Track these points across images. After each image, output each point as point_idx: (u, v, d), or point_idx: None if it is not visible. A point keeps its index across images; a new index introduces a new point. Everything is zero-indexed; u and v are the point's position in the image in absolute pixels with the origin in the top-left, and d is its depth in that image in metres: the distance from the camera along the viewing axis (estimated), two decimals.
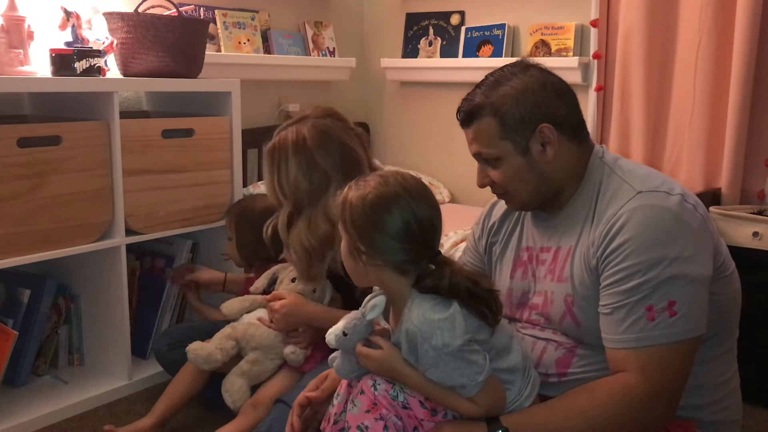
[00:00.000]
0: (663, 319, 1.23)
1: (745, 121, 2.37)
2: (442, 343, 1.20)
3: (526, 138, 1.36)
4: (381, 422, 1.25)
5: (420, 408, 1.27)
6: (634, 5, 2.57)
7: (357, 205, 1.28)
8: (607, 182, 1.37)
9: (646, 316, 1.23)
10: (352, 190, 1.31)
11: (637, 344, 1.24)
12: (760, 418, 2.02)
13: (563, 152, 1.38)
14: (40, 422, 1.95)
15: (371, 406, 1.26)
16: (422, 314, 1.23)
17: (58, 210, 1.93)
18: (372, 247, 1.27)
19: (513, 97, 1.37)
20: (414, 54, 3.32)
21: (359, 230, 1.27)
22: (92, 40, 2.21)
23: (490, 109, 1.37)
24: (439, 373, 1.23)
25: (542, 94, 1.37)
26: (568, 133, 1.39)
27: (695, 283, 1.25)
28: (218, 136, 2.30)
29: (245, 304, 1.88)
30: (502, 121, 1.36)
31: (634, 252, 1.25)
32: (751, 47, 2.32)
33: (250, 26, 2.90)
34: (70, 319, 2.24)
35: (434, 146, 3.30)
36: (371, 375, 1.30)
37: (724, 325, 1.38)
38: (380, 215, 1.26)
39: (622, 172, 1.37)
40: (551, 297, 1.40)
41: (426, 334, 1.21)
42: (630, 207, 1.29)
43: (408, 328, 1.24)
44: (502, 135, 1.37)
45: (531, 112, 1.36)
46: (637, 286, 1.24)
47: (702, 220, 1.32)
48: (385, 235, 1.25)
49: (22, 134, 1.85)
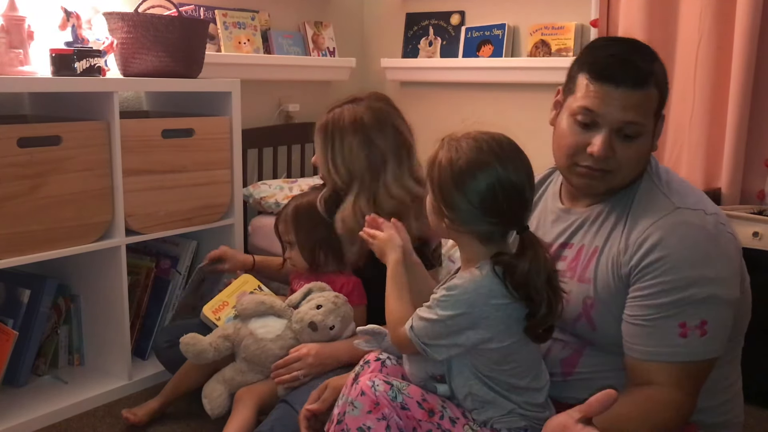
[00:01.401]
0: (694, 338, 1.25)
1: (745, 121, 2.37)
2: (452, 307, 1.22)
3: (659, 124, 1.34)
4: (383, 422, 1.24)
5: (418, 409, 1.26)
6: (634, 5, 2.57)
7: (446, 168, 1.26)
8: (644, 189, 1.35)
9: (679, 332, 1.25)
10: (444, 149, 1.29)
11: (670, 359, 1.25)
12: (761, 418, 2.02)
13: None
14: (40, 422, 1.95)
15: (373, 407, 1.25)
16: (473, 274, 1.24)
17: (58, 210, 1.93)
18: (455, 212, 1.26)
19: (664, 76, 1.32)
20: (414, 54, 3.33)
21: (444, 193, 1.26)
22: (92, 40, 2.21)
23: (655, 81, 1.30)
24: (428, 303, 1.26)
25: (666, 80, 1.34)
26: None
27: (726, 305, 1.27)
28: (218, 136, 2.30)
29: (260, 309, 1.79)
30: (661, 98, 1.31)
31: (673, 269, 1.25)
32: (751, 47, 2.32)
33: (250, 26, 2.90)
34: (70, 319, 2.24)
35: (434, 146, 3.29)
36: (369, 377, 1.29)
37: (735, 333, 1.38)
38: (466, 182, 1.23)
39: (660, 181, 1.36)
40: (568, 297, 1.36)
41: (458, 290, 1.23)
42: (668, 222, 1.28)
43: (456, 278, 1.27)
44: (656, 111, 1.31)
45: (666, 98, 1.33)
46: (674, 302, 1.25)
47: (734, 239, 1.33)
48: (469, 203, 1.24)
49: (22, 134, 1.85)
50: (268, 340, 1.76)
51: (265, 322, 1.79)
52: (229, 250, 2.14)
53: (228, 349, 1.80)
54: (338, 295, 1.78)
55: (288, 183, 2.82)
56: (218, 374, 1.81)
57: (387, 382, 1.28)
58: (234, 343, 1.80)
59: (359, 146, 1.79)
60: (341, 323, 1.75)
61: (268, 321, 1.79)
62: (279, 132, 3.09)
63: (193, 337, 1.79)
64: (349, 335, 1.79)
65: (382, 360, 1.43)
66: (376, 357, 1.41)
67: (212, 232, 2.36)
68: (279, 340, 1.76)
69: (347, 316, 1.77)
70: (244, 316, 1.80)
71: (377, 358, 1.42)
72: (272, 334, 1.77)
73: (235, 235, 2.39)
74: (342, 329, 1.76)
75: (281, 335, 1.76)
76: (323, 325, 1.73)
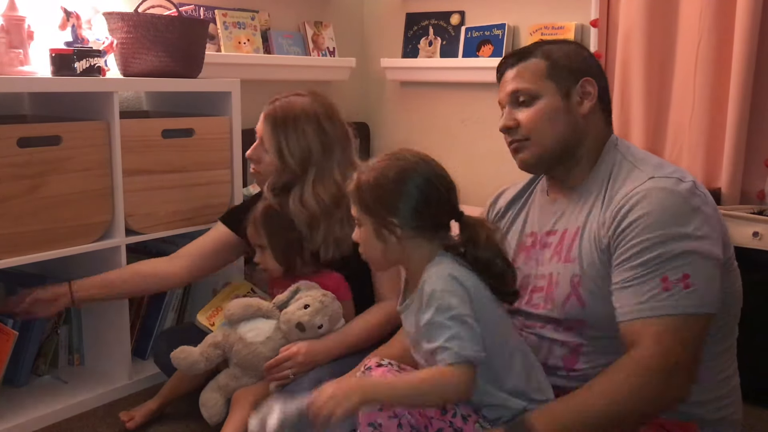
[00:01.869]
0: (677, 291, 1.25)
1: (745, 121, 2.37)
2: (447, 305, 1.22)
3: (569, 86, 1.43)
4: (395, 420, 1.24)
5: None
6: (634, 5, 2.57)
7: (380, 182, 1.31)
8: (619, 167, 1.40)
9: (661, 286, 1.25)
10: (365, 173, 1.34)
11: (652, 313, 1.25)
12: (760, 418, 2.02)
13: (595, 117, 1.45)
14: (40, 422, 1.95)
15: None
16: (441, 270, 1.27)
17: (58, 210, 1.93)
18: (403, 219, 1.29)
19: (565, 50, 1.46)
20: (414, 54, 3.32)
21: (387, 206, 1.30)
22: (92, 40, 2.20)
23: (543, 53, 1.45)
24: (433, 331, 1.23)
25: (591, 60, 1.48)
26: (602, 102, 1.46)
27: (709, 260, 1.28)
28: (218, 136, 2.30)
29: (248, 312, 1.77)
30: (552, 64, 1.43)
31: (649, 227, 1.28)
32: (751, 47, 2.32)
33: (250, 26, 2.90)
34: (70, 319, 2.24)
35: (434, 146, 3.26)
36: (383, 370, 1.30)
37: (725, 320, 1.39)
38: (407, 184, 1.30)
39: (634, 159, 1.41)
40: (556, 278, 1.41)
41: (438, 293, 1.24)
42: (643, 188, 1.32)
43: (425, 282, 1.27)
44: (549, 75, 1.43)
45: (579, 66, 1.44)
46: (652, 258, 1.27)
47: (709, 201, 1.34)
48: (415, 200, 1.29)
49: (22, 134, 1.85)
50: (259, 344, 1.75)
51: (254, 325, 1.77)
52: (39, 293, 1.90)
53: (219, 357, 1.79)
54: (326, 293, 1.77)
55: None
56: (213, 382, 1.80)
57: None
58: (224, 349, 1.78)
59: (313, 133, 1.85)
60: (330, 322, 1.75)
61: (257, 323, 1.77)
62: None
63: (182, 350, 1.78)
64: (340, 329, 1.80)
65: (384, 365, 1.43)
66: (378, 363, 1.41)
67: None
68: (269, 342, 1.75)
69: (336, 313, 1.77)
70: (232, 320, 1.78)
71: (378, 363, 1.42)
72: (262, 336, 1.76)
73: None
74: (331, 328, 1.77)
75: (271, 337, 1.75)
76: (311, 325, 1.72)
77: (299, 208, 1.85)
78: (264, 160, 1.91)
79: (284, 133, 1.86)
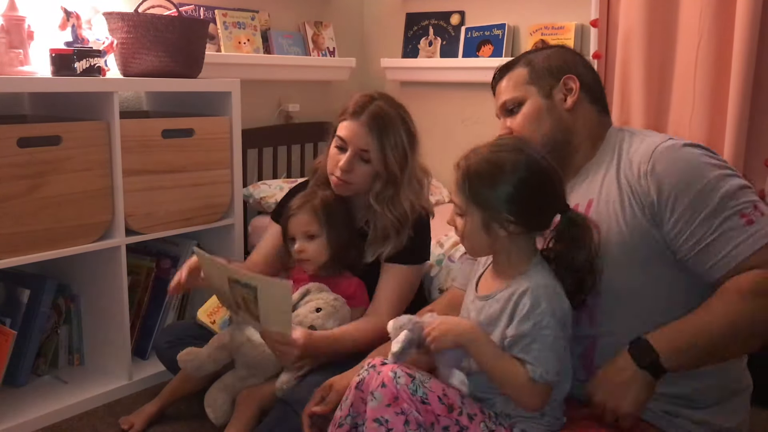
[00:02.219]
0: (758, 218, 1.28)
1: (745, 121, 2.37)
2: (547, 324, 1.24)
3: (551, 85, 1.48)
4: (402, 416, 1.24)
5: (438, 404, 1.27)
6: (634, 5, 2.57)
7: (497, 176, 1.29)
8: (630, 139, 1.44)
9: (744, 221, 1.27)
10: (476, 163, 1.31)
11: (752, 249, 1.26)
12: (760, 418, 2.02)
13: (583, 110, 1.48)
14: (40, 422, 1.95)
15: (392, 400, 1.25)
16: (545, 281, 1.28)
17: (58, 210, 1.93)
18: (519, 214, 1.28)
19: (546, 53, 1.53)
20: (414, 54, 3.33)
21: (504, 201, 1.28)
22: (92, 40, 2.20)
23: (525, 61, 1.53)
24: (526, 343, 1.24)
25: (573, 58, 1.52)
26: (590, 96, 1.49)
27: (754, 192, 1.33)
28: (218, 136, 2.30)
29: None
30: (533, 69, 1.50)
31: (696, 176, 1.30)
32: (751, 47, 2.32)
33: (250, 26, 2.90)
34: (70, 319, 2.24)
35: (434, 146, 3.27)
36: (392, 367, 1.29)
37: None
38: (525, 181, 1.28)
39: (642, 133, 1.46)
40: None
41: (541, 309, 1.24)
42: (666, 144, 1.35)
43: (529, 292, 1.26)
44: (529, 80, 1.50)
45: (559, 66, 1.49)
46: (719, 202, 1.29)
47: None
48: (533, 198, 1.29)
49: (22, 134, 1.85)
50: (266, 345, 1.74)
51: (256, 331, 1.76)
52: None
53: (226, 359, 1.79)
54: (337, 298, 1.77)
55: (288, 183, 2.82)
56: (219, 382, 1.80)
57: (409, 374, 1.28)
58: (231, 351, 1.78)
59: (405, 135, 1.84)
60: (338, 322, 1.75)
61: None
62: (279, 132, 3.09)
63: (189, 352, 1.77)
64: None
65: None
66: (382, 362, 1.39)
67: (212, 233, 2.36)
68: None
69: (346, 318, 1.77)
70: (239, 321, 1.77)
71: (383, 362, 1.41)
72: None
73: (235, 235, 2.39)
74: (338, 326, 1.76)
75: None
76: (323, 329, 1.72)
77: (389, 212, 1.82)
78: (358, 170, 1.82)
79: (387, 139, 1.81)
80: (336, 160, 1.83)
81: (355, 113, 1.81)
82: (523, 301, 1.26)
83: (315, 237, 1.83)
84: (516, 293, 1.28)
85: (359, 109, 1.81)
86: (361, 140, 1.80)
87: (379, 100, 1.84)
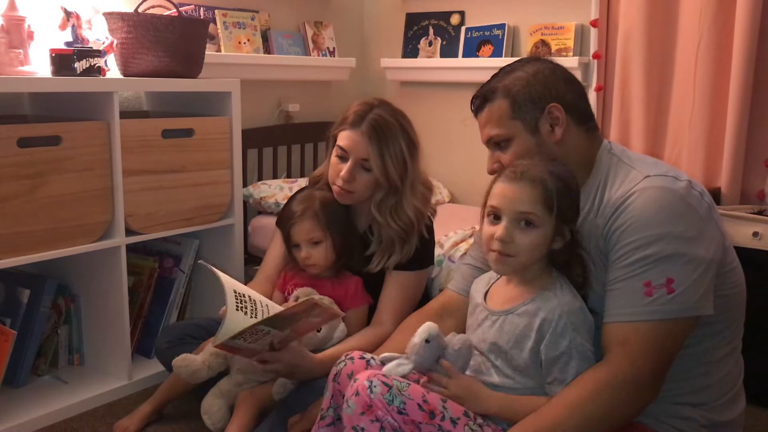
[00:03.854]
0: (660, 296, 1.24)
1: (745, 121, 2.37)
2: (581, 344, 1.26)
3: (536, 117, 1.41)
4: (377, 424, 1.24)
5: (418, 411, 1.25)
6: (634, 5, 2.57)
7: (572, 187, 1.32)
8: (615, 171, 1.40)
9: (644, 291, 1.25)
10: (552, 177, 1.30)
11: (630, 318, 1.25)
12: (760, 418, 2.02)
13: (571, 136, 1.42)
14: (40, 422, 1.95)
15: (366, 409, 1.25)
16: (572, 299, 1.29)
17: (58, 210, 1.93)
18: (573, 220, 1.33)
19: (524, 79, 1.43)
20: (414, 54, 3.33)
21: (575, 213, 1.33)
22: (92, 40, 2.21)
23: (503, 91, 1.43)
24: (562, 363, 1.26)
25: (552, 78, 1.43)
26: (576, 117, 1.43)
27: (696, 263, 1.26)
28: (218, 136, 2.30)
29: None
30: (514, 101, 1.42)
31: (638, 228, 1.27)
32: (751, 47, 2.32)
33: (250, 26, 2.90)
34: (70, 319, 2.24)
35: (434, 146, 3.29)
36: (368, 376, 1.28)
37: (728, 323, 1.38)
38: (577, 191, 1.34)
39: (629, 160, 1.41)
40: None
41: (573, 327, 1.26)
42: (639, 187, 1.32)
43: (557, 309, 1.27)
44: (513, 115, 1.42)
45: (541, 93, 1.41)
46: (638, 260, 1.26)
47: (708, 207, 1.33)
48: (576, 206, 1.34)
49: (22, 134, 1.85)
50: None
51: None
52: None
53: (221, 365, 1.78)
54: (323, 298, 1.77)
55: (288, 183, 2.82)
56: (215, 388, 1.80)
57: (386, 383, 1.26)
58: (227, 357, 1.78)
59: (405, 143, 1.83)
60: (329, 327, 1.76)
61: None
62: (279, 132, 3.09)
63: (184, 358, 1.76)
64: (339, 336, 1.80)
65: (367, 359, 1.44)
66: (361, 356, 1.40)
67: (212, 232, 2.36)
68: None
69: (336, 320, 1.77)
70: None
71: (361, 356, 1.41)
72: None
73: (235, 236, 2.39)
74: (329, 333, 1.77)
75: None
76: (328, 340, 1.74)
77: (393, 222, 1.83)
78: (360, 179, 1.82)
79: (386, 148, 1.80)
80: (337, 169, 1.83)
81: (354, 122, 1.81)
82: (555, 320, 1.27)
83: (319, 243, 1.84)
84: (544, 310, 1.29)
85: (359, 119, 1.81)
86: (361, 150, 1.80)
87: (378, 108, 1.84)
